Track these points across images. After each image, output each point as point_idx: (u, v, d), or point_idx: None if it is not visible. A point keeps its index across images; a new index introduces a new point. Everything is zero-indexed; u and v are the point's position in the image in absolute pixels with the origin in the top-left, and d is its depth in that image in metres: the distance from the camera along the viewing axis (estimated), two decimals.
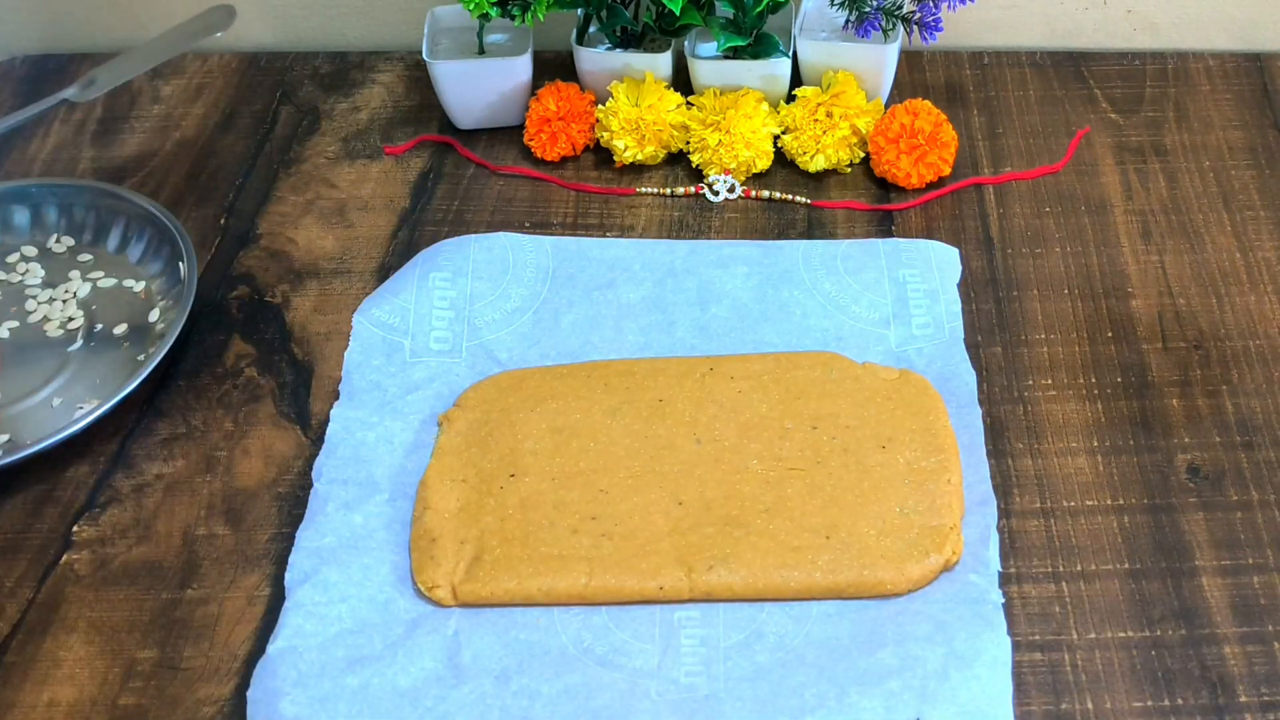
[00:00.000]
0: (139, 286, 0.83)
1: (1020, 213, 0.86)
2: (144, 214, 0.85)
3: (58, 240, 0.87)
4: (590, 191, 0.89)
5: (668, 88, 0.91)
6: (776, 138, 0.90)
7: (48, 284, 0.84)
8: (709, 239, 0.85)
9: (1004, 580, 0.66)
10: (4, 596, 0.68)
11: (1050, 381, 0.76)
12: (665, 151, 0.90)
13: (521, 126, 0.93)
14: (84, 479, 0.74)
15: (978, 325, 0.79)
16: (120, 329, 0.81)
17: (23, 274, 0.85)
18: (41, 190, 0.88)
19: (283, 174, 0.92)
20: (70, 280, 0.84)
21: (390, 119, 0.96)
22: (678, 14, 0.86)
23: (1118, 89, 0.96)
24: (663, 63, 0.91)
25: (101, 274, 0.84)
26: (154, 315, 0.81)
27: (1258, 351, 0.77)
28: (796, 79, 0.93)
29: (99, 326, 0.81)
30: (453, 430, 0.73)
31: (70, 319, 0.82)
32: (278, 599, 0.67)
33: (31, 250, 0.87)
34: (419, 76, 0.99)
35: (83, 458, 0.74)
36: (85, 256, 0.86)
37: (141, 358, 0.79)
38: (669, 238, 0.85)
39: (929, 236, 0.84)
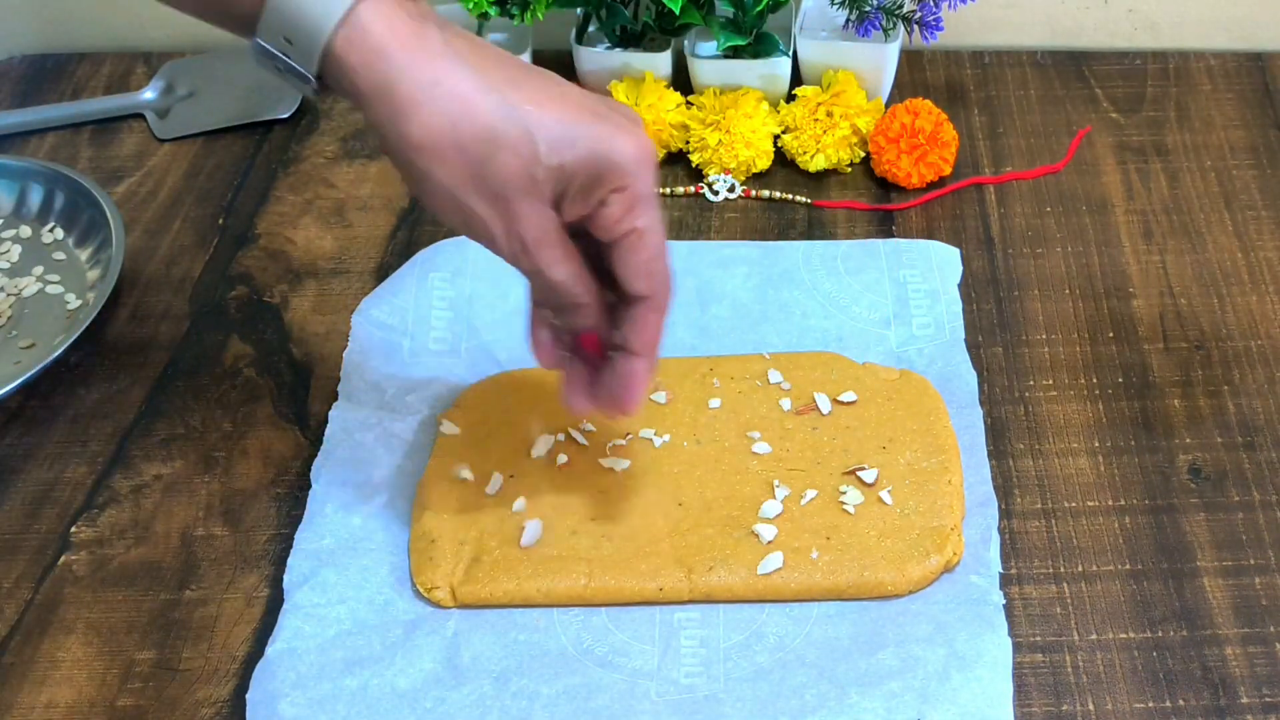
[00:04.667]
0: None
1: (1021, 213, 0.86)
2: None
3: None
4: None
5: (667, 87, 0.91)
6: (776, 137, 0.90)
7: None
8: (709, 239, 0.85)
9: (1005, 581, 0.66)
10: (2, 598, 0.68)
11: (1051, 382, 0.76)
12: (665, 151, 0.90)
13: None
14: (82, 479, 0.73)
15: (978, 325, 0.79)
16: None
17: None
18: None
19: (281, 174, 0.92)
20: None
21: None
22: (677, 13, 0.86)
23: (1119, 88, 0.96)
24: (662, 62, 0.91)
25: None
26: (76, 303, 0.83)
27: (1259, 352, 0.77)
28: (797, 78, 0.93)
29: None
30: (452, 431, 0.72)
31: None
32: (276, 600, 0.67)
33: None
34: None
35: (80, 458, 0.74)
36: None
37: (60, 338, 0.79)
38: (668, 238, 0.85)
39: (929, 236, 0.84)
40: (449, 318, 0.79)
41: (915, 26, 0.88)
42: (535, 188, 0.55)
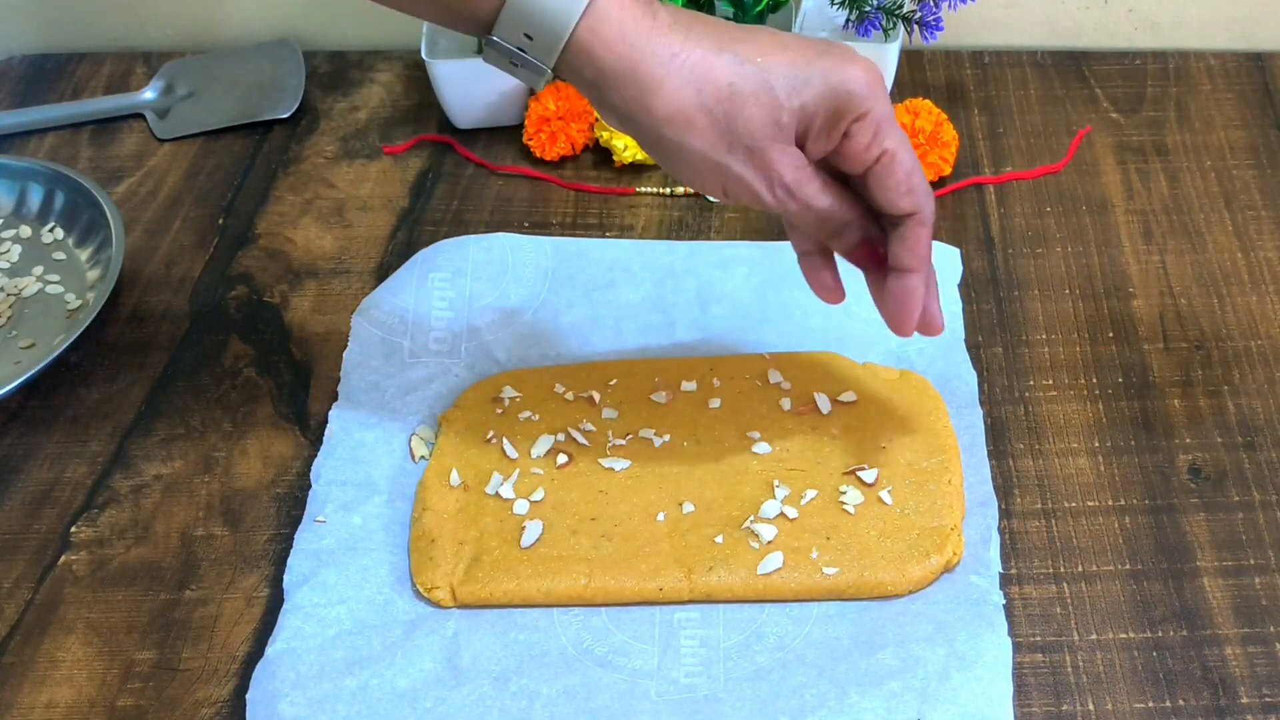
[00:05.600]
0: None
1: (1021, 212, 0.86)
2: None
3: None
4: (590, 191, 0.89)
5: None
6: None
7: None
8: (709, 239, 0.85)
9: (1005, 581, 0.66)
10: (2, 598, 0.68)
11: (1051, 382, 0.76)
12: None
13: (521, 126, 0.93)
14: (82, 480, 0.73)
15: (978, 325, 0.79)
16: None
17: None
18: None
19: (281, 174, 0.92)
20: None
21: (389, 118, 0.96)
22: None
23: (1119, 88, 0.96)
24: None
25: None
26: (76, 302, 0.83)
27: (1259, 352, 0.77)
28: None
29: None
30: (452, 431, 0.72)
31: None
32: (276, 600, 0.67)
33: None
34: (418, 76, 0.99)
35: (80, 458, 0.74)
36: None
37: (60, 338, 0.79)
38: (669, 238, 0.85)
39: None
40: (449, 318, 0.79)
41: (915, 26, 0.88)
42: (781, 133, 0.59)
